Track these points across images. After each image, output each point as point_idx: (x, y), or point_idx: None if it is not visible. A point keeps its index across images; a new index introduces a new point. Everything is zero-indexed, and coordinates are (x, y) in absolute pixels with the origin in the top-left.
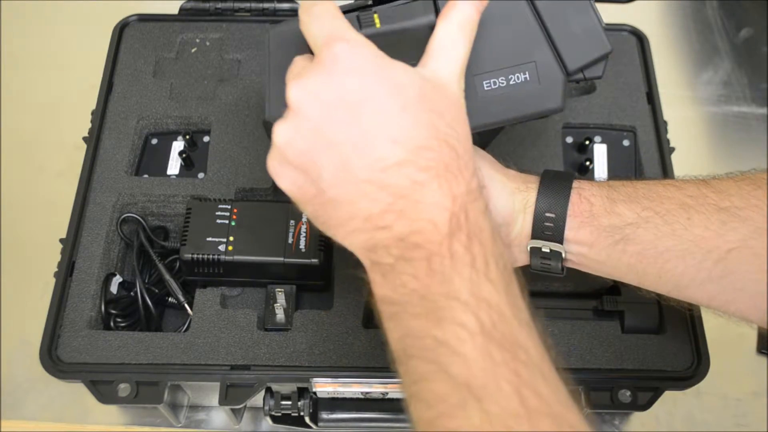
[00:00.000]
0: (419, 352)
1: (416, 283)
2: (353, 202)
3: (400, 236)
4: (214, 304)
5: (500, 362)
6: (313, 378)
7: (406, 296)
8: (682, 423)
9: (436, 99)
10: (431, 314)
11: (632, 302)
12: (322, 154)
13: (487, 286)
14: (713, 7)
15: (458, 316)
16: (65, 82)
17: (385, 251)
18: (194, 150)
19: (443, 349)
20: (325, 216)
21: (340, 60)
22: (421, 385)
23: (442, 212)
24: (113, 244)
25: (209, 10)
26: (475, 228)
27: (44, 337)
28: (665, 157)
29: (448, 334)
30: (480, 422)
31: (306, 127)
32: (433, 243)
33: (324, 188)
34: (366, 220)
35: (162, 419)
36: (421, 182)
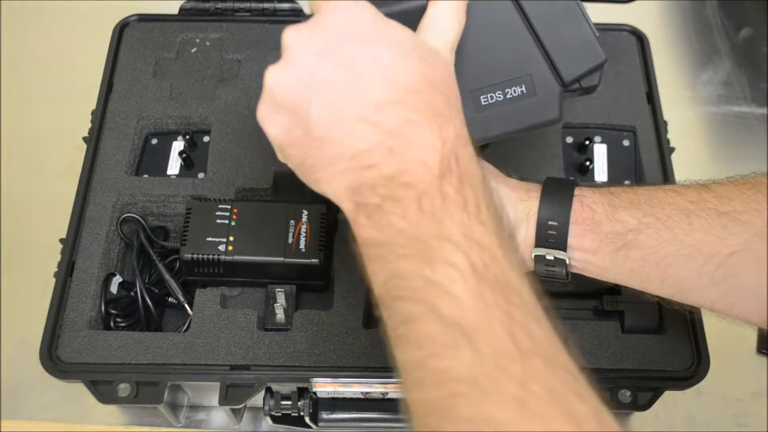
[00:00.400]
0: (408, 293)
1: (405, 222)
2: (341, 141)
3: (388, 175)
4: (214, 304)
5: (492, 303)
6: (313, 378)
7: (394, 236)
8: (682, 423)
9: (427, 55)
10: (421, 254)
11: (632, 302)
12: (313, 93)
13: (478, 228)
14: (713, 7)
15: (450, 256)
16: (65, 82)
17: (371, 191)
18: (194, 150)
19: (434, 289)
20: (310, 159)
21: (340, 9)
22: (410, 326)
23: (433, 153)
24: (113, 244)
25: (209, 10)
26: (466, 172)
27: (44, 337)
28: (665, 157)
29: (439, 275)
30: (471, 362)
31: (299, 68)
32: (423, 183)
33: (311, 127)
34: (352, 158)
35: (162, 419)
36: (413, 121)
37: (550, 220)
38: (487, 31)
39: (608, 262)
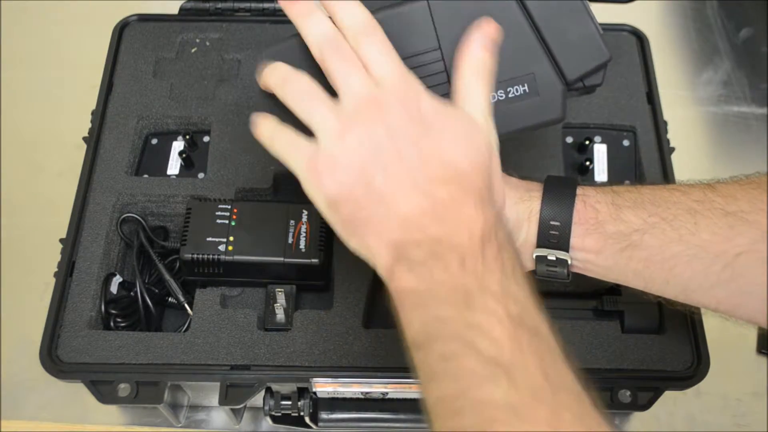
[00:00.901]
0: (447, 335)
1: (447, 275)
2: (397, 204)
3: (435, 237)
4: (214, 304)
5: (526, 346)
6: (313, 378)
7: (435, 286)
8: (682, 423)
9: (477, 142)
10: (462, 302)
11: (632, 302)
12: (381, 161)
13: (514, 287)
14: (713, 7)
15: (489, 304)
16: (65, 82)
17: (416, 247)
18: (194, 150)
19: (473, 331)
20: (362, 214)
21: (416, 93)
22: (449, 363)
23: (476, 225)
24: (113, 244)
25: (209, 10)
26: (503, 243)
27: (44, 337)
28: (665, 157)
29: (479, 318)
30: (508, 392)
31: (373, 135)
32: (466, 247)
33: (373, 188)
34: (405, 220)
35: (162, 419)
36: (460, 199)
37: (552, 219)
38: None
39: (612, 263)
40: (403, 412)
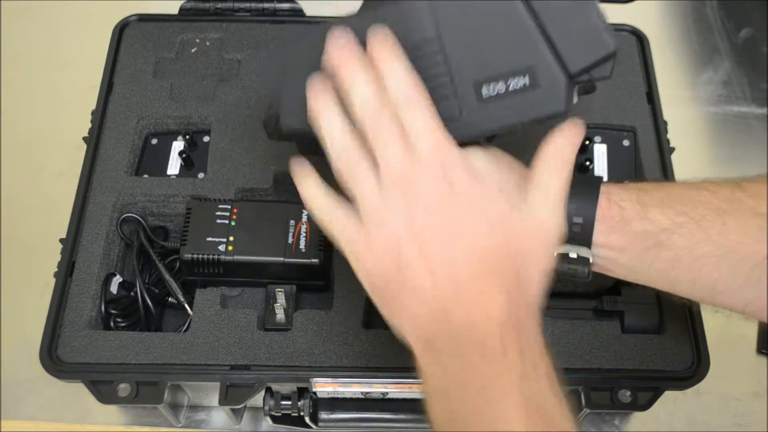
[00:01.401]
0: (464, 423)
1: (467, 367)
2: (425, 291)
3: (457, 326)
4: (214, 304)
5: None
6: (313, 378)
7: (456, 379)
8: (682, 423)
9: (517, 226)
10: (481, 395)
11: (632, 302)
12: (420, 241)
13: (533, 375)
14: (713, 7)
15: (507, 397)
16: (65, 82)
17: (440, 337)
18: (194, 150)
19: (492, 425)
20: (394, 295)
21: (460, 157)
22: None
23: (493, 308)
24: (113, 244)
25: (209, 10)
26: (525, 330)
27: (44, 337)
28: (665, 157)
29: (497, 412)
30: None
31: (409, 216)
32: (486, 333)
33: (405, 273)
34: (430, 310)
35: (162, 419)
36: (482, 284)
37: (575, 215)
38: (490, 20)
39: (636, 262)
40: (403, 412)
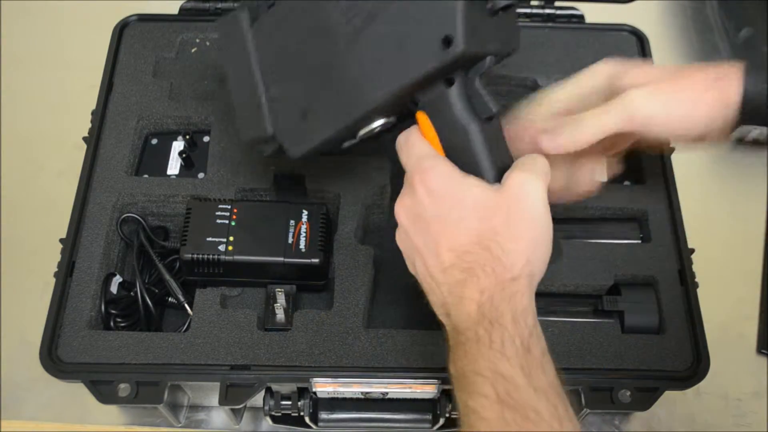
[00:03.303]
0: (463, 418)
1: (460, 363)
2: (433, 293)
3: (453, 324)
4: (214, 304)
5: (511, 422)
6: (313, 378)
7: (456, 373)
8: (682, 423)
9: (483, 210)
10: (465, 388)
11: (632, 302)
12: (414, 254)
13: (503, 363)
14: (713, 7)
15: (481, 388)
16: (65, 82)
17: (450, 336)
18: (194, 150)
19: (473, 416)
20: (428, 299)
21: (416, 185)
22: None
23: (472, 304)
24: (113, 244)
25: (209, 10)
26: (496, 314)
27: (44, 337)
28: (665, 157)
29: (476, 403)
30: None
31: (404, 233)
32: (468, 330)
33: (419, 279)
34: (441, 307)
35: (162, 419)
36: (462, 280)
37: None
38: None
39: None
40: (403, 412)
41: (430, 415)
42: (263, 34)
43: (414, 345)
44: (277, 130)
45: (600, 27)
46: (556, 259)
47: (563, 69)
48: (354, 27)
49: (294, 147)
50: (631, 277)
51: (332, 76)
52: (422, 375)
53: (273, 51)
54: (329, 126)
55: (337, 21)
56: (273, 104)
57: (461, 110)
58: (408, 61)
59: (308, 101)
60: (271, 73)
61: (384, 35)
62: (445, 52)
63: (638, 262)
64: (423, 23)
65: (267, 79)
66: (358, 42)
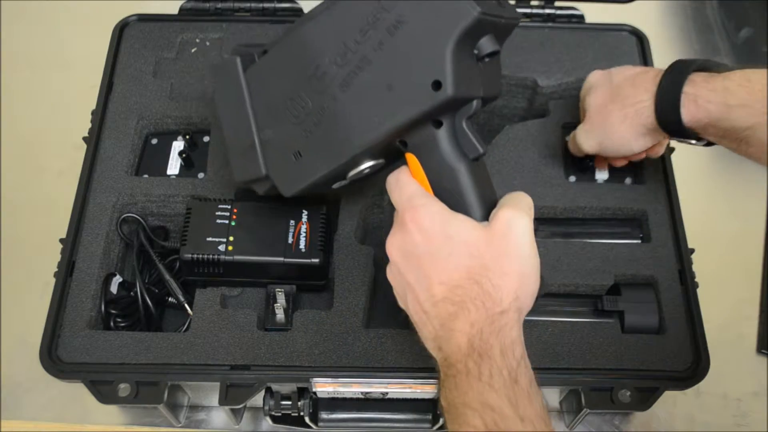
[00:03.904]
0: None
1: (450, 395)
2: (424, 326)
3: (445, 357)
4: (214, 304)
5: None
6: (313, 378)
7: (447, 405)
8: (682, 423)
9: (474, 248)
10: (456, 419)
11: (632, 302)
12: (405, 289)
13: (491, 394)
14: (713, 7)
15: (470, 420)
16: (65, 82)
17: (441, 369)
18: (194, 150)
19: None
20: (418, 333)
21: (407, 223)
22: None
23: (463, 336)
24: (113, 244)
25: (209, 10)
26: (486, 346)
27: (44, 337)
28: (665, 157)
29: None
30: None
31: (395, 269)
32: (458, 362)
33: (410, 314)
34: (432, 341)
35: (162, 419)
36: (453, 313)
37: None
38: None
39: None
40: (403, 412)
41: (430, 415)
42: (257, 79)
43: (414, 345)
44: (270, 171)
45: (600, 27)
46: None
47: (563, 69)
48: (346, 72)
49: (286, 186)
50: (631, 277)
51: (324, 119)
52: (422, 375)
53: (266, 95)
54: (320, 167)
55: (329, 66)
56: (266, 146)
57: (449, 151)
58: (398, 104)
59: (300, 143)
60: (265, 116)
61: (376, 79)
62: (434, 96)
63: (638, 262)
64: (414, 68)
65: (260, 122)
66: (350, 86)
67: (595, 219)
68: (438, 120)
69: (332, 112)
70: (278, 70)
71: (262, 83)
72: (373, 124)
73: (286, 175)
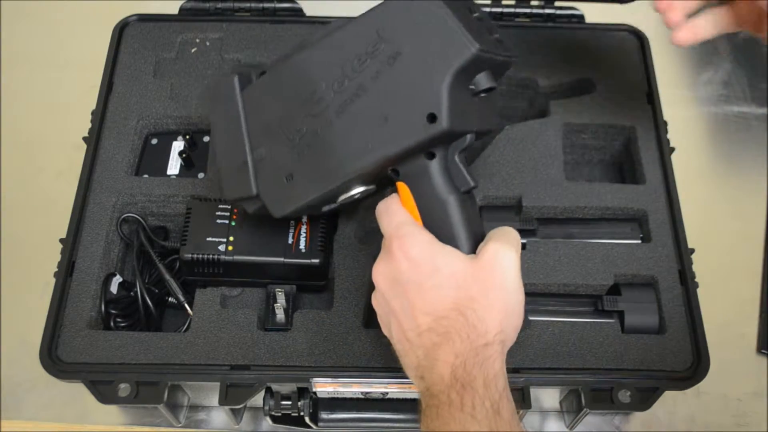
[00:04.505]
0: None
1: (432, 425)
2: (407, 355)
3: (427, 386)
4: (214, 304)
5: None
6: (313, 378)
7: (435, 423)
8: (682, 423)
9: (462, 280)
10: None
11: (632, 302)
12: (390, 316)
13: (473, 425)
14: None
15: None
16: (65, 82)
17: (422, 398)
18: (194, 150)
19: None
20: (401, 361)
21: (395, 251)
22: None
23: (446, 367)
24: (113, 244)
25: (209, 10)
26: (469, 378)
27: (44, 337)
28: (665, 157)
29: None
30: None
31: (380, 296)
32: (441, 393)
33: (393, 342)
34: (414, 370)
35: (162, 419)
36: (438, 343)
37: None
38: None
39: None
40: (403, 412)
41: None
42: (253, 99)
43: None
44: (260, 190)
45: (600, 27)
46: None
47: (563, 69)
48: (343, 98)
49: (276, 208)
50: (631, 277)
51: (318, 143)
52: None
53: (262, 115)
54: (311, 191)
55: (326, 92)
56: (258, 165)
57: (441, 183)
58: (393, 133)
59: (293, 165)
60: (259, 136)
61: (371, 108)
62: (429, 128)
63: (638, 262)
64: (410, 100)
65: (254, 142)
66: (346, 112)
67: (595, 219)
68: (431, 152)
69: (326, 137)
70: (275, 91)
71: (258, 103)
72: (367, 151)
73: (276, 197)
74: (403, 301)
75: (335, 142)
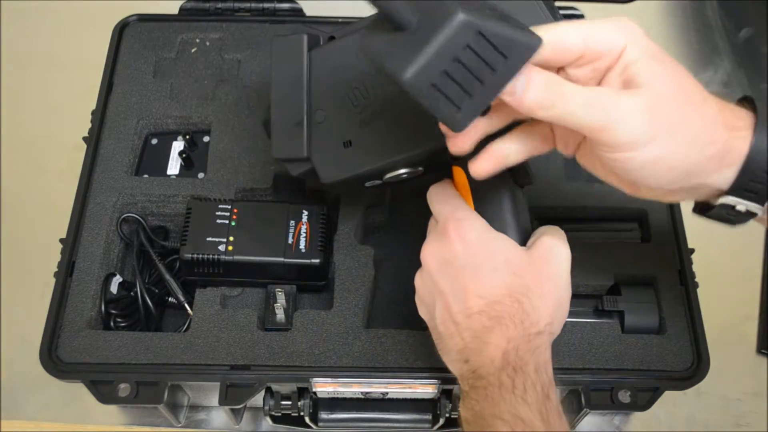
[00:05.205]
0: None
1: (478, 406)
2: (451, 337)
3: (473, 368)
4: (214, 304)
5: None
6: (313, 378)
7: (472, 416)
8: (682, 423)
9: (517, 267)
10: (483, 429)
11: (632, 302)
12: (435, 297)
13: (523, 407)
14: (713, 7)
15: (500, 430)
16: (65, 82)
17: (465, 380)
18: (194, 150)
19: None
20: (438, 344)
21: (450, 233)
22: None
23: (497, 350)
24: (113, 244)
25: (209, 10)
26: (521, 362)
27: (44, 337)
28: None
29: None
30: None
31: (428, 277)
32: (490, 375)
33: (436, 324)
34: (458, 353)
35: (162, 419)
36: (489, 327)
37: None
38: None
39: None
40: (403, 412)
41: (430, 415)
42: (319, 62)
43: (414, 345)
44: (312, 154)
45: None
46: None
47: None
48: None
49: (327, 172)
50: (631, 277)
51: (385, 115)
52: (422, 375)
53: (326, 79)
54: (366, 162)
55: None
56: (314, 128)
57: (502, 175)
58: None
59: (354, 132)
60: (321, 98)
61: None
62: None
63: (638, 262)
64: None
65: (314, 104)
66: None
67: (595, 219)
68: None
69: (395, 110)
70: (342, 58)
71: (326, 65)
72: (430, 133)
73: (329, 162)
74: (454, 282)
75: (404, 117)
